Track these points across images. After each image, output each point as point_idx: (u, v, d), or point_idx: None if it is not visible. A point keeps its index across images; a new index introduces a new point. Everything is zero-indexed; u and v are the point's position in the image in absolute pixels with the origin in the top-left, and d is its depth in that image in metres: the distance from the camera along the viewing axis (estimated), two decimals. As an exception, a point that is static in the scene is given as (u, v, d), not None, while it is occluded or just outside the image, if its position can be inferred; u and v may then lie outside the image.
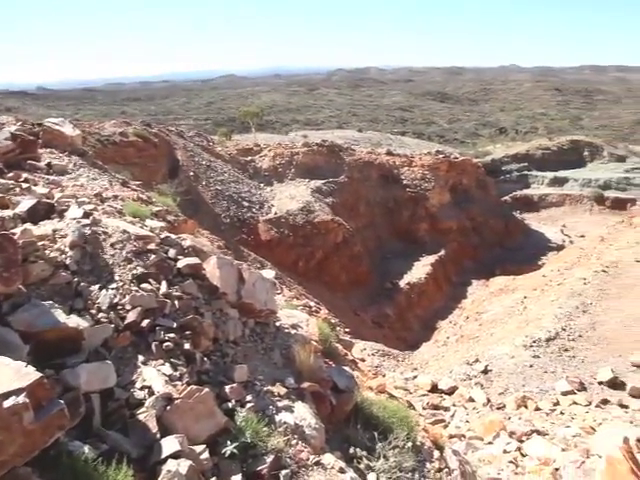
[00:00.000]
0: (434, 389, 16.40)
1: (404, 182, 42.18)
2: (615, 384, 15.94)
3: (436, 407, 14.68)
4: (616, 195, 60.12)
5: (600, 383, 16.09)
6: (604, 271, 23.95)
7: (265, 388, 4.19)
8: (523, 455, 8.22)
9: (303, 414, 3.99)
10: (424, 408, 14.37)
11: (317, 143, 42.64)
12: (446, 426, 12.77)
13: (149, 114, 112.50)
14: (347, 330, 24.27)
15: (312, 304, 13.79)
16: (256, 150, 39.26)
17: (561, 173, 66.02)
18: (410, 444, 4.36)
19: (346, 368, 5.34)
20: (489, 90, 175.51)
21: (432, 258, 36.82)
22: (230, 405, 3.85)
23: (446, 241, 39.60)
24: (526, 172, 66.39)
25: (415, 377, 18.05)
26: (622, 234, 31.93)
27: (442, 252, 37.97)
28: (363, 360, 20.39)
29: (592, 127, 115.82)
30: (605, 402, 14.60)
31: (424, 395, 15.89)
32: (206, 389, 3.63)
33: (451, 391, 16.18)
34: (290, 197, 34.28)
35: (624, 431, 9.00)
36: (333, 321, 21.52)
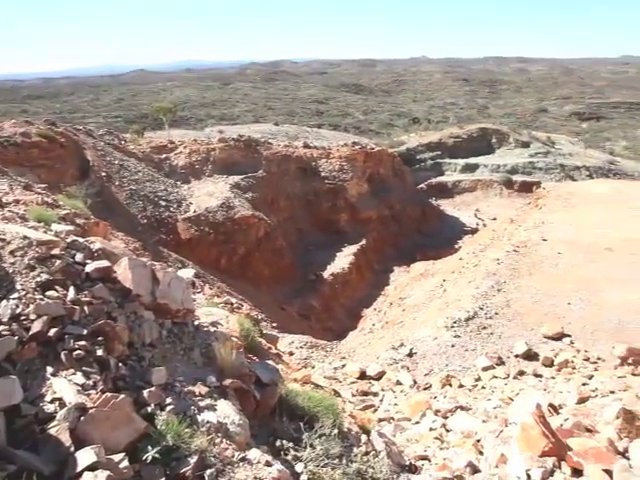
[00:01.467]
0: (363, 376, 16.65)
1: (322, 174, 42.56)
2: (529, 356, 16.88)
3: (365, 393, 14.92)
4: (523, 179, 63.85)
5: (516, 356, 16.97)
6: (515, 251, 25.26)
7: (186, 389, 4.08)
8: (448, 431, 8.54)
9: (226, 412, 3.92)
10: (354, 395, 14.58)
11: (234, 138, 42.12)
12: (376, 410, 13.03)
13: (54, 112, 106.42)
14: (274, 325, 24.26)
15: (234, 301, 13.63)
16: (171, 147, 38.20)
17: (472, 160, 69.12)
18: (336, 431, 4.41)
19: (270, 362, 5.31)
20: (401, 81, 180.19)
21: (354, 248, 37.46)
22: (149, 409, 3.72)
23: (366, 230, 40.43)
24: (439, 160, 68.95)
25: (344, 366, 18.26)
26: (529, 215, 33.87)
27: (363, 241, 38.72)
28: (291, 353, 20.47)
29: (498, 115, 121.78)
30: (522, 373, 15.41)
31: (353, 382, 16.12)
32: (122, 395, 3.49)
33: (379, 376, 16.49)
34: (209, 194, 33.67)
35: (537, 398, 9.58)
36: (257, 316, 21.42)
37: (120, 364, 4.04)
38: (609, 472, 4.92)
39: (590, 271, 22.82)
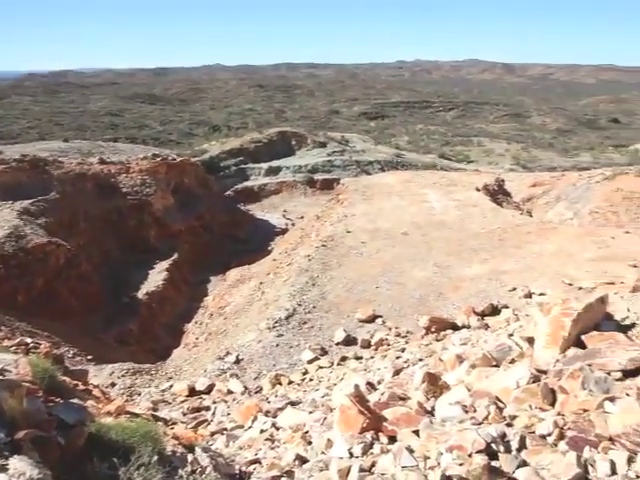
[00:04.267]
0: (192, 392, 16.18)
1: (124, 190, 40.30)
2: (349, 341, 17.98)
3: (197, 409, 14.51)
4: (324, 177, 67.74)
5: (337, 344, 17.95)
6: (323, 245, 26.59)
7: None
8: (278, 429, 8.65)
9: (21, 469, 3.42)
10: (185, 414, 14.10)
11: (16, 159, 37.61)
12: (209, 424, 12.75)
13: None
14: (89, 357, 22.36)
15: (29, 341, 12.20)
16: None
17: (274, 163, 71.27)
18: (156, 457, 4.13)
19: (76, 401, 4.80)
20: (198, 89, 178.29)
21: (166, 263, 36.13)
22: None
23: (177, 244, 39.27)
24: (243, 165, 69.82)
25: (171, 386, 17.54)
26: (333, 210, 35.95)
27: (175, 255, 37.54)
28: (113, 384, 19.05)
29: (295, 118, 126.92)
30: (344, 359, 16.31)
31: (184, 401, 15.59)
32: None
33: (209, 389, 16.18)
34: (-8, 224, 29.72)
35: (356, 380, 10.18)
36: (66, 352, 19.55)
37: None
38: (417, 432, 5.38)
39: (391, 255, 24.99)
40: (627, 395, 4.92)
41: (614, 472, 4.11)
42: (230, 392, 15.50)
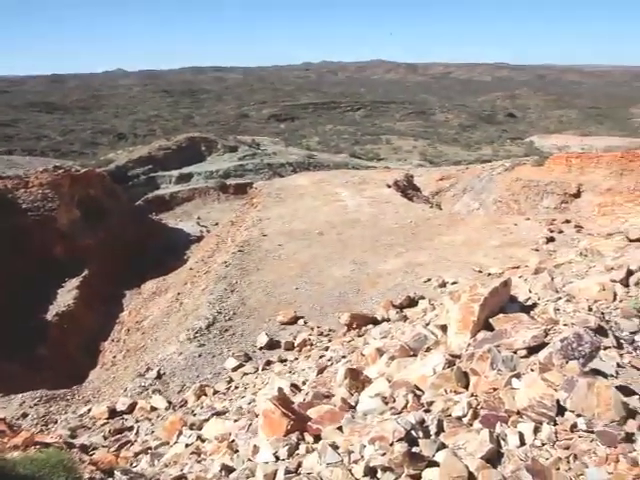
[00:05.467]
0: (113, 414, 15.46)
1: (24, 206, 37.84)
2: (272, 345, 17.93)
3: (120, 431, 13.88)
4: (236, 182, 67.30)
5: (261, 349, 17.86)
6: (240, 251, 26.34)
7: None
8: (203, 441, 8.47)
9: None
10: (106, 437, 13.46)
11: None
12: (132, 445, 12.25)
13: None
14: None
15: None
16: None
17: (185, 169, 69.89)
18: (71, 488, 3.93)
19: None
20: (99, 97, 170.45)
21: (76, 281, 34.28)
22: None
23: (87, 259, 37.31)
24: (153, 174, 67.87)
25: (90, 410, 16.70)
26: (247, 215, 35.72)
27: (85, 272, 35.71)
28: (25, 415, 17.91)
29: (203, 124, 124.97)
30: (269, 363, 16.23)
31: (104, 424, 14.87)
32: None
33: (131, 409, 15.53)
34: None
35: (279, 383, 10.17)
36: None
37: None
38: (341, 428, 5.46)
39: (308, 255, 25.19)
40: (531, 370, 5.25)
41: (523, 443, 4.38)
42: (154, 409, 14.99)
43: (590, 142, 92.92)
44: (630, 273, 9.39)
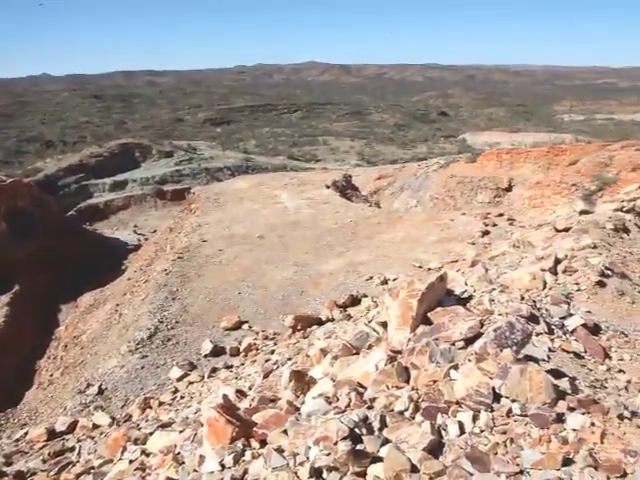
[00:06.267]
0: (52, 435, 14.72)
1: (-55, 222, 35.77)
2: (217, 351, 17.66)
3: (60, 452, 13.21)
4: (173, 187, 66.06)
5: (206, 356, 17.55)
6: (180, 257, 25.83)
7: None
8: (148, 455, 8.25)
9: None
10: (45, 461, 12.82)
11: None
12: (74, 466, 11.74)
13: None
14: None
15: None
16: None
17: (119, 177, 67.88)
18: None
19: None
20: (24, 103, 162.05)
21: (6, 298, 32.61)
22: None
23: (16, 275, 35.59)
24: (85, 182, 65.53)
25: (26, 433, 15.89)
26: (186, 220, 35.07)
27: (16, 287, 34.06)
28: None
29: (137, 129, 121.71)
30: (215, 370, 16.00)
31: (43, 447, 14.16)
32: None
33: (72, 428, 14.85)
34: None
35: (224, 390, 10.05)
36: None
37: None
38: (286, 431, 5.46)
39: (250, 259, 25.01)
40: (468, 361, 5.42)
41: (463, 431, 4.52)
42: (96, 426, 14.44)
43: (519, 138, 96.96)
44: (558, 261, 9.90)
